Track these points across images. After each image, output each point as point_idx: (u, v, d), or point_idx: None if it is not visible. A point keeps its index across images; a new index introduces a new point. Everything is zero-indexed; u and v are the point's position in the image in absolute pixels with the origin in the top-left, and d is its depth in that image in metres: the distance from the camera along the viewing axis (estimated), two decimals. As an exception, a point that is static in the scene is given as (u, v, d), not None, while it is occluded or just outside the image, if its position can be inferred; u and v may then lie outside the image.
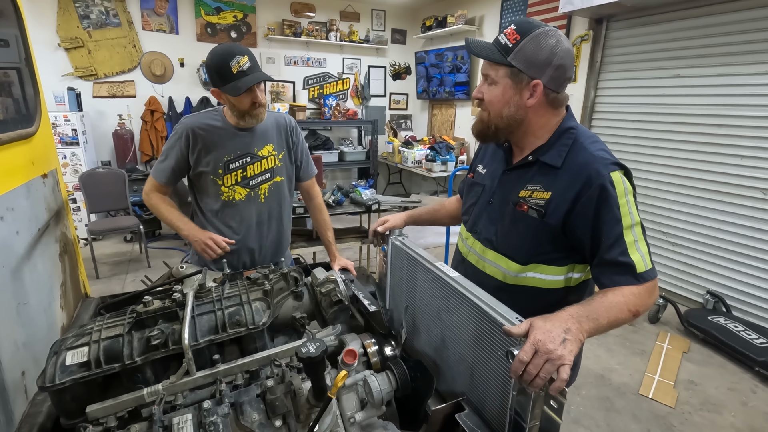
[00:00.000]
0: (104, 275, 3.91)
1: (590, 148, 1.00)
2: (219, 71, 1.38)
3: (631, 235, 0.94)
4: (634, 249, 0.93)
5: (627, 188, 0.95)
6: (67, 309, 1.19)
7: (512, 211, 1.07)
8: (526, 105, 1.01)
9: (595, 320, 0.85)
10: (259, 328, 0.86)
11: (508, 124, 1.04)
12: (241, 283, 0.96)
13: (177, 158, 1.53)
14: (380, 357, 1.07)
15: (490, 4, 5.22)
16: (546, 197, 1.01)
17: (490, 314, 0.93)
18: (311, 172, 1.81)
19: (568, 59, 0.99)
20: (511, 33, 0.99)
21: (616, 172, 0.95)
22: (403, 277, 1.39)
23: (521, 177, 1.08)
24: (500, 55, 0.99)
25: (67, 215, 1.33)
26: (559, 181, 1.00)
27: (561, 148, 1.02)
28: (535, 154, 1.06)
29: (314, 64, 6.16)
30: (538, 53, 0.96)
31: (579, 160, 0.98)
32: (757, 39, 2.95)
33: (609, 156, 0.98)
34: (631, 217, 0.94)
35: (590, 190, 0.94)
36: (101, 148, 5.13)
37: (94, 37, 4.87)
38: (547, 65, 0.97)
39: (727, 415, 2.31)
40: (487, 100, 1.05)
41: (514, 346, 0.83)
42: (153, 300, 0.87)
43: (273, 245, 1.73)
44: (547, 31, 0.97)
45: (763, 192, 3.02)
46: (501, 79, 1.01)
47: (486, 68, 1.04)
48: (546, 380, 0.73)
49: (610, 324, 0.88)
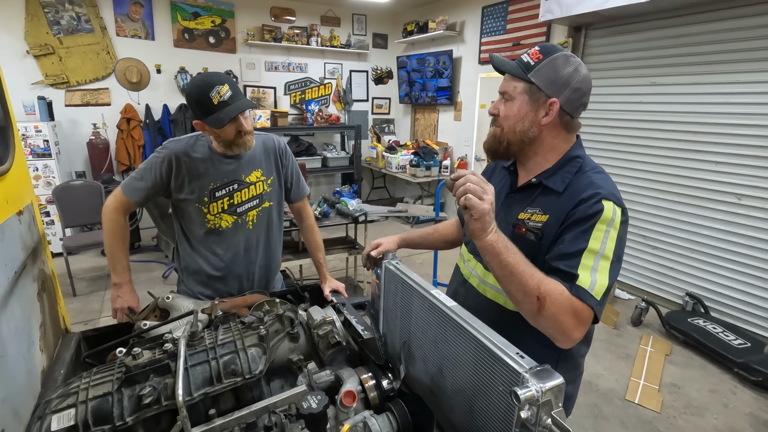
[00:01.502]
0: (81, 292, 3.77)
1: (593, 177, 1.00)
2: (199, 103, 1.34)
3: (592, 261, 0.90)
4: (587, 270, 0.89)
5: (613, 221, 0.93)
6: (47, 350, 1.13)
7: (511, 233, 1.07)
8: (541, 123, 1.02)
9: (506, 248, 0.87)
10: (256, 377, 0.83)
11: (520, 140, 1.05)
12: (235, 326, 0.93)
13: (154, 182, 1.46)
14: (378, 392, 1.06)
15: (470, 11, 5.26)
16: (543, 220, 1.01)
17: (491, 349, 0.92)
18: (302, 193, 1.77)
19: (586, 85, 1.01)
20: (535, 53, 1.02)
21: (609, 201, 0.94)
22: (398, 302, 1.37)
23: (523, 200, 1.09)
24: (521, 71, 1.02)
25: (45, 249, 1.26)
26: (557, 205, 1.00)
27: (565, 175, 1.03)
28: (539, 177, 1.07)
29: (295, 70, 6.09)
30: (558, 73, 0.99)
31: (579, 185, 0.99)
32: (729, 49, 3.05)
33: (610, 188, 0.98)
34: (602, 247, 0.91)
35: (577, 209, 0.95)
36: (75, 158, 4.95)
37: (66, 44, 4.70)
38: (566, 86, 0.99)
39: (709, 417, 2.38)
40: (503, 116, 1.07)
41: (520, 386, 0.83)
42: (142, 351, 0.83)
43: (262, 270, 1.68)
44: (569, 56, 1.01)
45: (737, 197, 3.13)
46: (518, 95, 1.03)
47: (504, 85, 1.07)
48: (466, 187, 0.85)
49: (511, 268, 0.86)
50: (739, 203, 3.12)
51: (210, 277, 1.58)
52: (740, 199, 3.11)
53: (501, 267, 0.88)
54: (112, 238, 1.45)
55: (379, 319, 1.49)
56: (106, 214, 1.46)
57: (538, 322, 0.91)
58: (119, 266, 1.44)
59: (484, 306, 1.15)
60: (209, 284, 1.60)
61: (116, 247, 1.45)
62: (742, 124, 3.05)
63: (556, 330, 0.88)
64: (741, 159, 3.09)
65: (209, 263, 1.57)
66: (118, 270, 1.44)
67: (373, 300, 1.56)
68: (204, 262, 1.57)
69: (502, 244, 0.86)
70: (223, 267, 1.57)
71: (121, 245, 1.47)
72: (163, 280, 4.01)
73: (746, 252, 3.11)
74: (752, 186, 3.04)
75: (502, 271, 0.88)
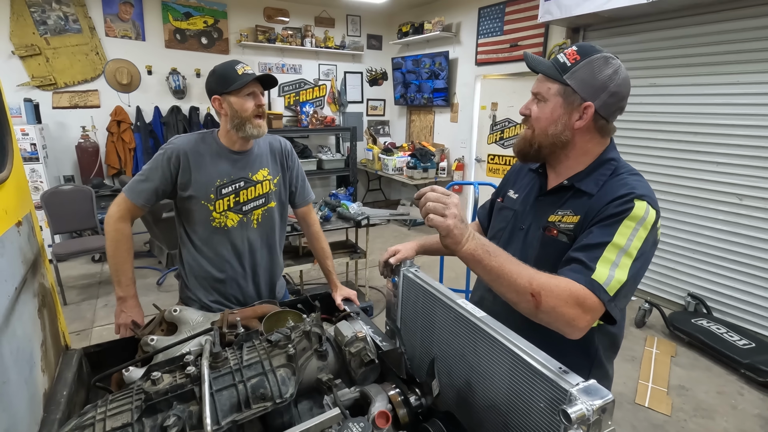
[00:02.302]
0: (72, 300, 3.64)
1: (628, 179, 0.97)
2: (224, 76, 1.40)
3: (614, 256, 0.86)
4: (606, 264, 0.85)
5: (644, 220, 0.89)
6: (48, 371, 1.05)
7: (541, 236, 1.03)
8: (574, 126, 0.98)
9: (486, 253, 0.84)
10: (286, 401, 0.77)
11: (552, 143, 1.01)
12: (260, 345, 0.86)
13: (162, 179, 1.42)
14: (407, 409, 1.00)
15: (467, 11, 5.23)
16: (575, 221, 0.98)
17: (531, 363, 0.87)
18: (308, 198, 1.72)
19: (625, 89, 0.97)
20: (572, 53, 0.98)
21: (643, 201, 0.91)
22: (418, 311, 1.31)
23: (554, 203, 1.05)
24: (557, 72, 0.98)
25: (44, 261, 1.18)
26: (589, 205, 0.97)
27: (599, 177, 1.00)
28: (572, 179, 1.03)
29: (289, 71, 6.01)
30: (596, 76, 0.95)
31: (613, 186, 0.96)
32: (729, 50, 3.07)
33: (645, 189, 0.94)
34: (627, 243, 0.87)
35: (608, 205, 0.92)
36: (63, 162, 4.81)
37: (53, 44, 4.56)
38: (603, 90, 0.95)
39: (719, 420, 2.37)
40: (534, 117, 1.03)
41: (568, 403, 0.78)
42: (162, 375, 0.76)
43: (266, 273, 1.64)
44: (608, 58, 0.96)
45: (739, 197, 3.14)
46: (552, 96, 0.99)
47: (537, 86, 1.03)
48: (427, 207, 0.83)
49: (496, 272, 0.84)
50: (741, 203, 3.13)
51: (216, 279, 1.54)
52: (741, 200, 3.12)
53: (486, 272, 0.85)
54: (117, 249, 1.38)
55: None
56: (110, 224, 1.39)
57: (540, 318, 0.87)
58: (124, 279, 1.37)
59: (513, 313, 1.10)
60: (215, 287, 1.56)
61: (121, 258, 1.38)
62: (743, 125, 3.06)
63: (560, 322, 0.85)
64: (742, 159, 3.10)
65: (214, 265, 1.53)
66: (123, 283, 1.37)
67: (389, 309, 1.50)
68: (209, 264, 1.53)
69: (481, 250, 0.84)
70: (229, 268, 1.53)
71: (126, 256, 1.39)
72: (157, 287, 3.90)
73: (748, 252, 3.12)
74: (753, 186, 3.05)
75: (489, 275, 0.86)
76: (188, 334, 1.25)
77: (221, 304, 1.55)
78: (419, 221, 5.94)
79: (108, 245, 1.39)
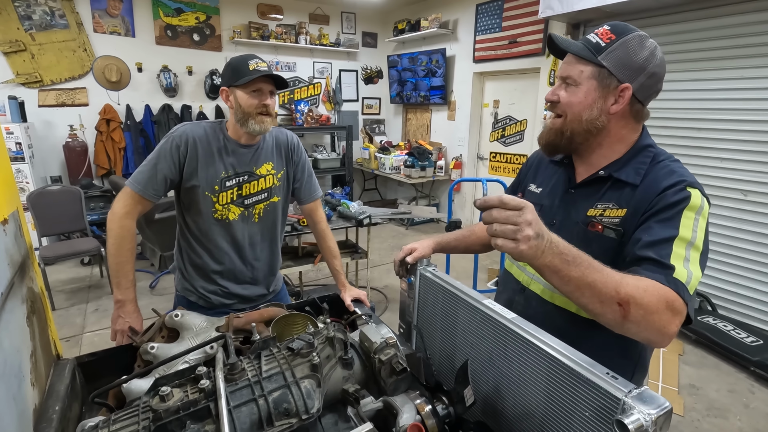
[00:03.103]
0: (61, 305, 3.50)
1: (672, 165, 0.91)
2: (235, 69, 1.36)
3: (684, 251, 0.80)
4: (680, 261, 0.78)
5: (701, 207, 0.84)
6: (38, 384, 0.95)
7: (583, 232, 0.95)
8: (610, 111, 0.91)
9: (565, 262, 0.72)
10: (313, 416, 0.68)
11: (586, 130, 0.94)
12: (279, 353, 0.77)
13: (169, 168, 1.36)
14: (436, 419, 0.92)
15: (464, 8, 5.17)
16: (621, 215, 0.90)
17: (573, 368, 0.79)
18: (315, 194, 1.64)
19: (662, 70, 0.90)
20: (605, 33, 0.90)
21: (696, 190, 0.85)
22: (437, 313, 1.24)
23: (590, 195, 0.97)
24: (590, 52, 0.90)
25: (33, 263, 1.08)
26: (635, 198, 0.90)
27: (639, 166, 0.93)
28: (608, 169, 0.95)
29: (284, 69, 5.90)
30: (634, 56, 0.88)
31: (659, 174, 0.89)
32: (733, 45, 3.04)
33: (693, 178, 0.89)
34: (693, 235, 0.81)
35: (662, 195, 0.85)
36: (50, 162, 4.64)
37: (38, 40, 4.40)
38: (641, 71, 0.88)
39: (733, 419, 2.33)
40: (565, 102, 0.94)
41: (622, 413, 0.70)
42: (172, 390, 0.67)
43: (265, 267, 1.60)
44: (644, 37, 0.90)
45: (743, 193, 3.11)
46: (585, 80, 0.91)
47: (566, 69, 0.95)
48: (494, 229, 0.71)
49: (576, 282, 0.73)
50: (746, 199, 3.10)
51: (214, 271, 1.50)
52: (746, 196, 3.10)
53: (564, 283, 0.74)
54: (120, 248, 1.29)
55: (412, 333, 1.36)
56: (114, 220, 1.31)
57: (627, 330, 0.77)
58: (124, 281, 1.28)
59: (550, 315, 1.02)
60: (213, 279, 1.51)
61: (124, 258, 1.30)
62: (747, 120, 3.03)
63: (651, 331, 0.75)
64: (746, 155, 3.07)
65: (213, 257, 1.48)
66: (123, 285, 1.27)
67: (403, 310, 1.42)
68: (208, 255, 1.48)
69: (559, 260, 0.72)
70: (228, 261, 1.49)
71: (129, 256, 1.31)
72: (150, 290, 3.77)
73: (753, 248, 3.10)
74: (758, 182, 3.03)
75: (567, 286, 0.75)
76: (191, 340, 1.16)
77: (219, 296, 1.51)
78: (417, 221, 5.86)
79: (110, 244, 1.30)
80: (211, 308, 1.49)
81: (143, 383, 0.91)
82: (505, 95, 5.06)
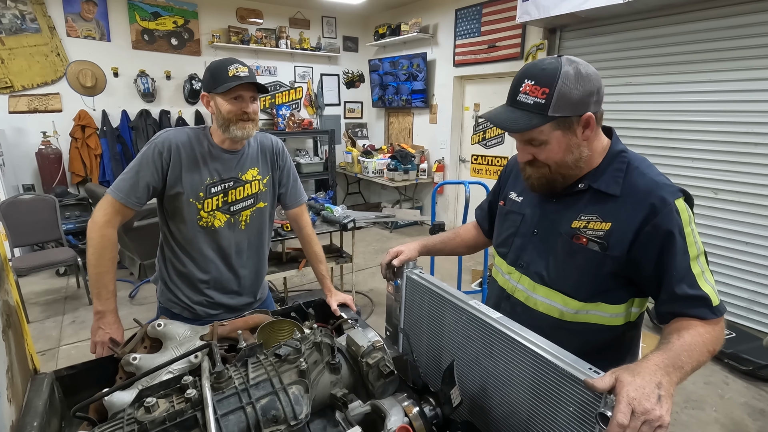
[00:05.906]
0: (36, 318, 3.39)
1: (649, 173, 0.94)
2: (215, 74, 1.33)
3: (698, 267, 0.89)
4: (703, 281, 0.88)
5: (690, 216, 0.90)
6: (15, 400, 0.93)
7: (567, 243, 0.98)
8: (584, 139, 0.94)
9: (680, 369, 0.77)
10: (301, 422, 0.68)
11: (575, 166, 0.97)
12: (266, 360, 0.77)
13: (152, 175, 1.33)
14: (423, 421, 0.93)
15: (443, 13, 5.24)
16: (605, 228, 0.93)
17: (557, 365, 0.82)
18: (300, 198, 1.64)
19: (599, 80, 0.92)
20: (535, 89, 0.89)
21: (680, 199, 0.90)
22: (423, 314, 1.25)
23: (570, 206, 1.00)
24: (539, 116, 0.89)
25: (8, 275, 1.05)
26: (620, 211, 0.92)
27: (615, 174, 0.95)
28: (585, 180, 0.98)
29: (264, 73, 5.86)
30: (576, 91, 0.88)
31: (640, 186, 0.92)
32: (702, 49, 3.16)
33: (670, 182, 0.92)
34: (697, 247, 0.89)
35: (656, 218, 0.88)
36: (22, 170, 4.50)
37: (8, 45, 4.27)
38: (590, 96, 0.90)
39: (709, 410, 2.41)
40: (544, 158, 0.95)
41: (605, 406, 0.72)
42: (157, 401, 0.66)
43: (251, 274, 1.57)
44: (565, 63, 0.88)
45: (714, 191, 3.23)
46: (550, 135, 0.91)
47: (527, 134, 0.94)
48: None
49: (693, 370, 0.80)
50: (716, 197, 3.22)
51: (200, 280, 1.47)
52: (717, 194, 3.22)
53: (685, 379, 0.81)
54: (101, 258, 1.26)
55: (399, 335, 1.36)
56: (95, 229, 1.27)
57: None
58: (105, 292, 1.25)
59: (535, 320, 1.05)
60: (199, 288, 1.47)
61: (104, 268, 1.26)
62: (716, 121, 3.16)
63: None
64: (716, 155, 3.19)
65: (198, 266, 1.45)
66: (103, 296, 1.24)
67: (390, 313, 1.43)
68: (193, 264, 1.45)
69: (677, 377, 0.75)
70: (214, 269, 1.46)
71: (110, 266, 1.28)
72: (130, 300, 3.68)
73: (724, 245, 3.22)
74: (728, 180, 3.15)
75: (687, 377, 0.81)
76: (174, 350, 1.14)
77: (204, 306, 1.48)
78: (401, 224, 5.89)
79: (90, 253, 1.26)
80: (196, 319, 1.46)
81: (126, 395, 0.89)
82: (485, 98, 5.14)
